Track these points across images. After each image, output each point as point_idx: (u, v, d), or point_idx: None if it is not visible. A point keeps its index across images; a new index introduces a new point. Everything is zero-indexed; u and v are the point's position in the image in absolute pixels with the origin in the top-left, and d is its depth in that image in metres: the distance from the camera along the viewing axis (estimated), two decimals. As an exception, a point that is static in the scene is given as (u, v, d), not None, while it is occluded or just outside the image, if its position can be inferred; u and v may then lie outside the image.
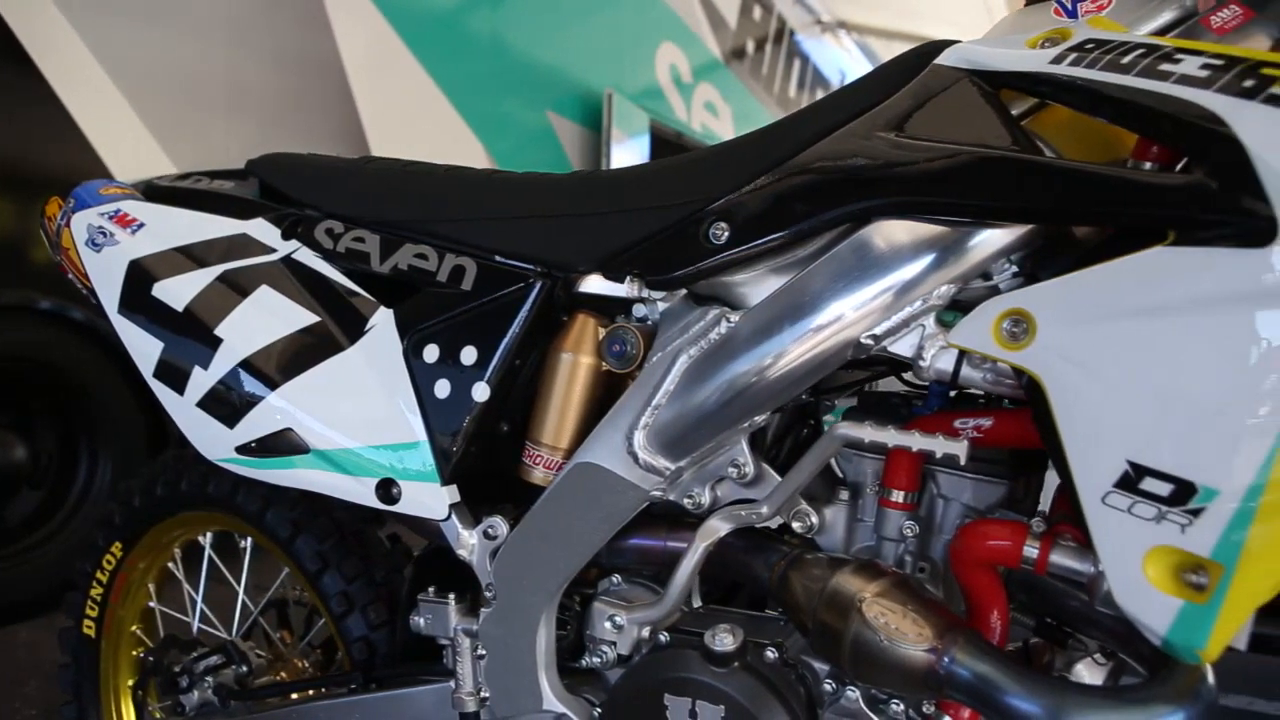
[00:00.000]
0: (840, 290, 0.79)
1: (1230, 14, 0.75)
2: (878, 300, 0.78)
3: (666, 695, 0.85)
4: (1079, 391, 0.65)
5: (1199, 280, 0.60)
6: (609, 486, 0.90)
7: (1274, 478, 0.57)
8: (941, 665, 0.70)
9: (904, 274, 0.77)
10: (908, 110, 0.79)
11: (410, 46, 3.93)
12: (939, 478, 0.86)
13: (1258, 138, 0.59)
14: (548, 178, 1.03)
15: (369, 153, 3.81)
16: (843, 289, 0.79)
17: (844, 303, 0.79)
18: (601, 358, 0.95)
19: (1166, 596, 0.61)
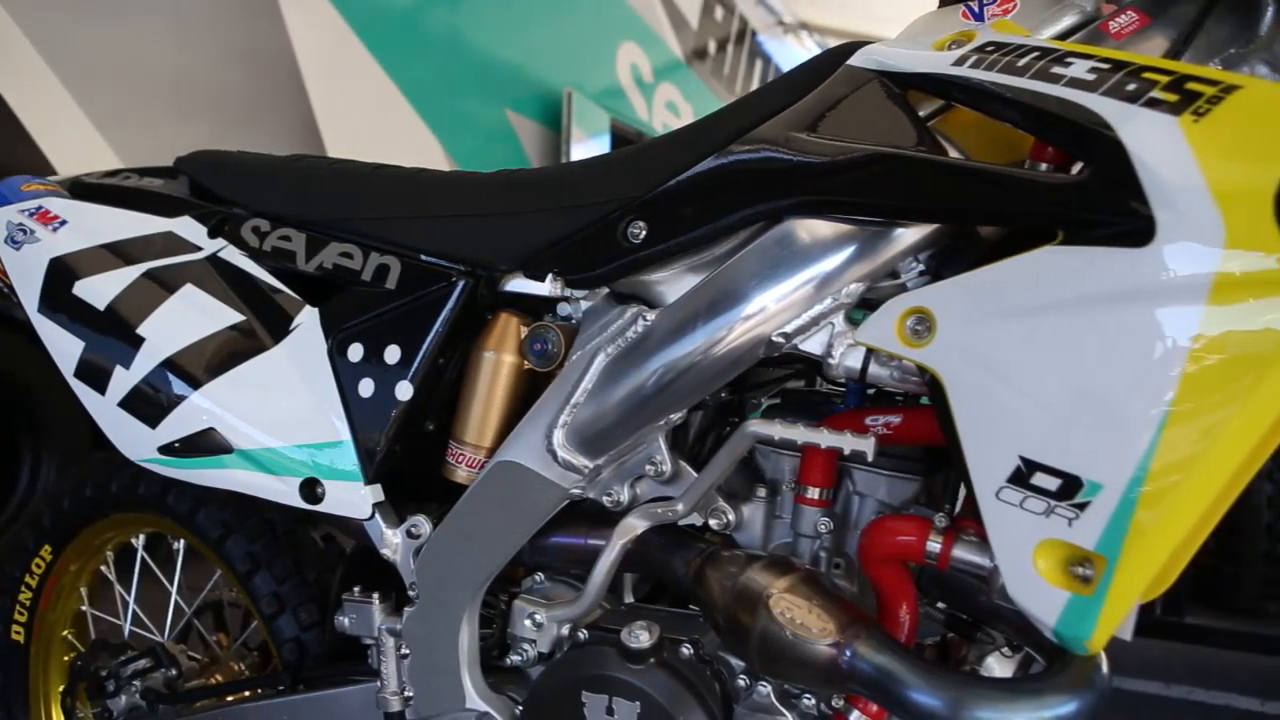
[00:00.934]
0: (751, 289, 0.80)
1: (1127, 20, 0.76)
2: (788, 298, 0.79)
3: (584, 692, 0.85)
4: (974, 388, 0.66)
5: (1083, 279, 0.61)
6: (529, 485, 0.91)
7: (1153, 471, 0.58)
8: (844, 659, 0.70)
9: (813, 272, 0.78)
10: (820, 111, 0.80)
11: (367, 44, 3.90)
12: (854, 474, 0.87)
13: (1138, 140, 0.60)
14: (473, 176, 1.03)
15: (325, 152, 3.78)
16: (754, 287, 0.80)
17: (755, 301, 0.80)
18: (524, 356, 0.95)
19: (1055, 589, 0.62)
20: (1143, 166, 0.59)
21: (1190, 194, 0.57)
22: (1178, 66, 0.63)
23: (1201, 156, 0.57)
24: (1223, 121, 0.58)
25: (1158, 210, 0.59)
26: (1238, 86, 0.59)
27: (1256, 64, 0.75)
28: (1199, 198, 0.57)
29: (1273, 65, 0.75)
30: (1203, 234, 0.57)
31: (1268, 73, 0.75)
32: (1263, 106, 0.58)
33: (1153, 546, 0.59)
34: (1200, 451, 0.57)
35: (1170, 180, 0.58)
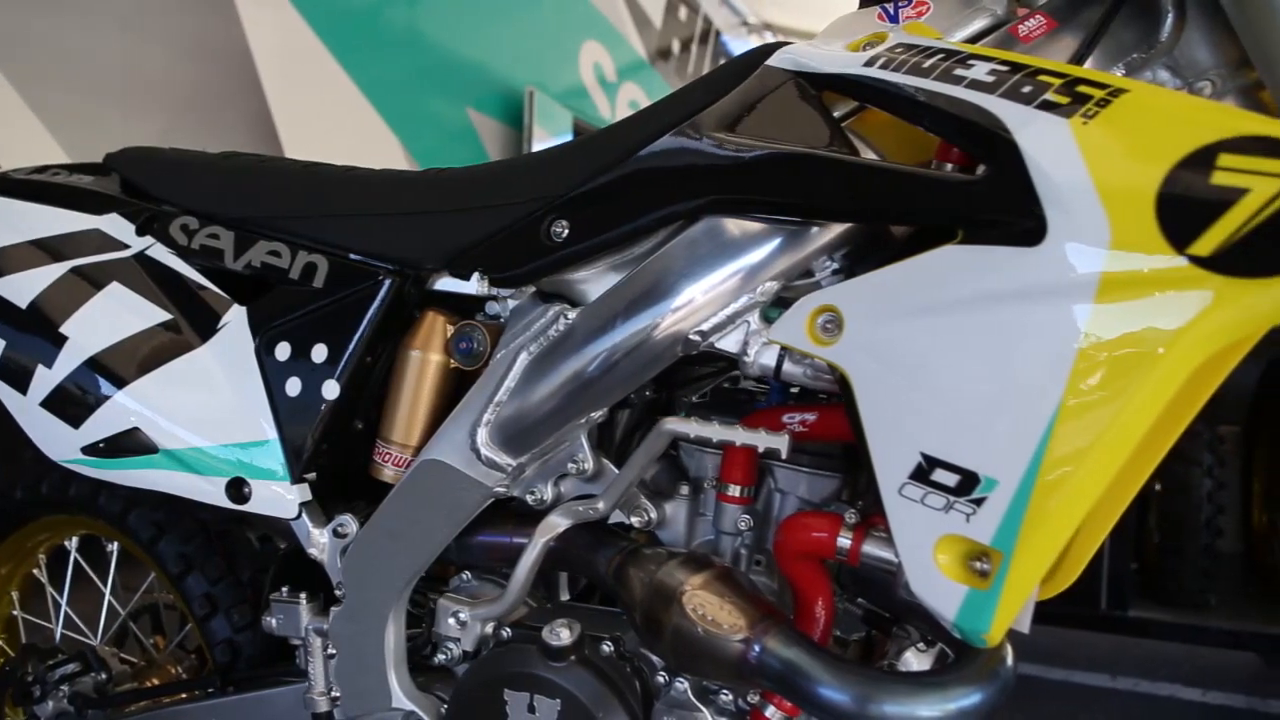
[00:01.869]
0: (669, 287, 0.81)
1: (1036, 24, 0.78)
2: (704, 297, 0.79)
3: (506, 690, 0.85)
4: (879, 386, 0.67)
5: (979, 278, 0.62)
6: (453, 483, 0.91)
7: (1045, 466, 0.59)
8: (752, 655, 0.71)
9: (729, 271, 0.78)
10: (739, 111, 0.81)
11: (325, 41, 3.87)
12: (776, 472, 0.87)
13: (1031, 141, 0.61)
14: (403, 175, 1.03)
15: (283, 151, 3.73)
16: (671, 286, 0.80)
17: (672, 299, 0.80)
18: (450, 355, 0.95)
19: (954, 583, 0.63)
20: (1035, 167, 0.60)
21: (1078, 195, 0.59)
22: (1071, 70, 0.64)
23: (1089, 158, 0.59)
24: (1110, 124, 0.59)
25: (1049, 210, 0.60)
26: (1125, 90, 0.60)
27: (1158, 68, 0.77)
28: (1086, 199, 0.58)
29: (1174, 70, 0.76)
30: (1090, 234, 0.58)
31: (1169, 77, 0.76)
32: (1147, 110, 0.59)
33: (1046, 540, 0.60)
34: (1089, 446, 0.58)
35: (1060, 181, 0.59)
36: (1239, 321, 0.54)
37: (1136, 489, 0.78)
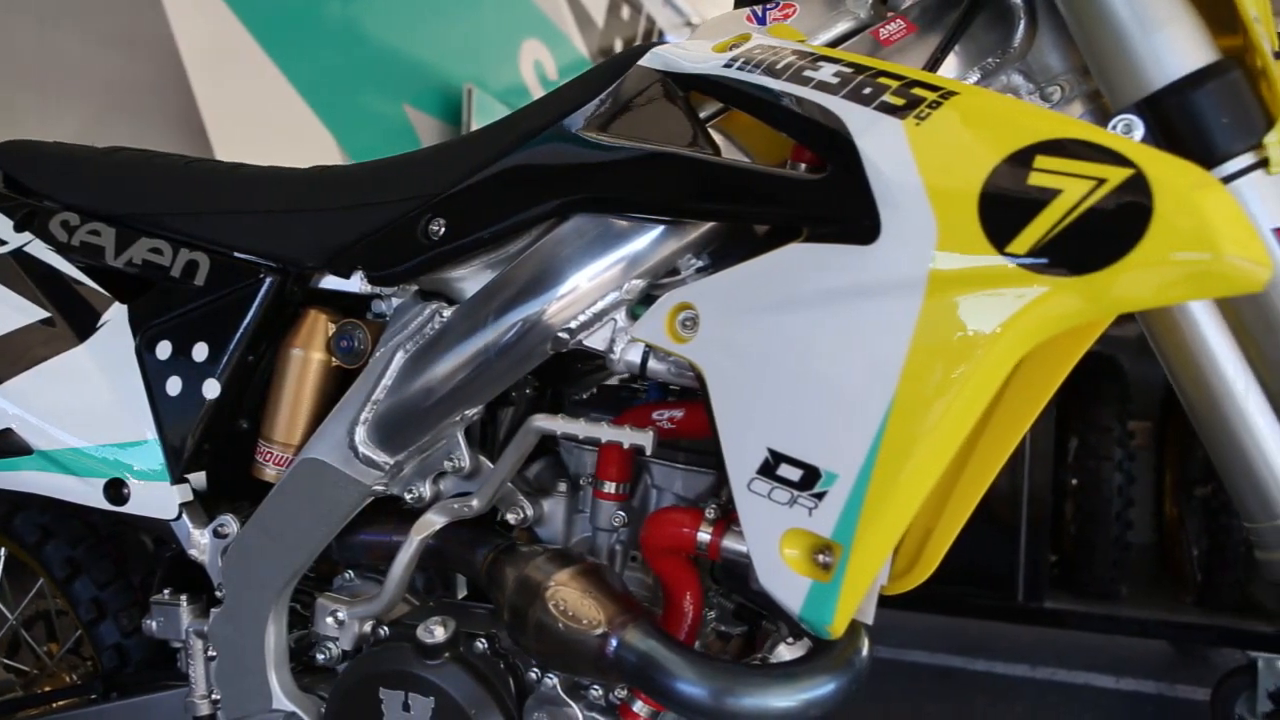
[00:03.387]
0: (538, 285, 0.81)
1: (896, 28, 0.80)
2: (573, 295, 0.80)
3: (381, 689, 0.85)
4: (730, 382, 0.68)
5: (820, 275, 0.64)
6: (331, 482, 0.90)
7: (880, 460, 0.61)
8: (610, 650, 0.72)
9: (597, 269, 0.79)
10: (610, 111, 0.81)
11: (255, 34, 3.80)
12: (652, 469, 0.88)
13: (868, 141, 0.62)
14: (287, 173, 1.02)
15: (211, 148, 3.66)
16: (541, 284, 0.81)
17: (542, 297, 0.81)
18: (332, 354, 0.94)
19: (799, 576, 0.64)
20: (870, 167, 0.62)
21: (909, 195, 0.60)
22: (909, 72, 0.65)
23: (920, 159, 0.60)
24: (940, 125, 0.61)
25: (882, 209, 0.61)
26: (955, 92, 0.62)
27: (1012, 73, 0.79)
28: (916, 198, 0.60)
29: (1026, 75, 0.79)
30: (919, 233, 0.59)
31: (1022, 81, 0.79)
32: (972, 112, 0.61)
33: (883, 533, 0.62)
34: (921, 440, 0.59)
35: (893, 181, 0.61)
36: (1055, 318, 0.56)
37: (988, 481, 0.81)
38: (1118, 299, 0.54)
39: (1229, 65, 0.66)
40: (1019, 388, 0.79)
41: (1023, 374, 0.79)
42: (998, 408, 0.80)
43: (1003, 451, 0.80)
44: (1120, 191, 0.54)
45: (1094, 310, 0.55)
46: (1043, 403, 0.78)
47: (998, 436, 0.81)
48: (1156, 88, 0.66)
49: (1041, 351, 0.80)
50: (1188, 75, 0.66)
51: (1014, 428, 0.80)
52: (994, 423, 0.81)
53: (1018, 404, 0.79)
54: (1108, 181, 0.55)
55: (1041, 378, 0.78)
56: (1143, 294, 0.53)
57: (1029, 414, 0.79)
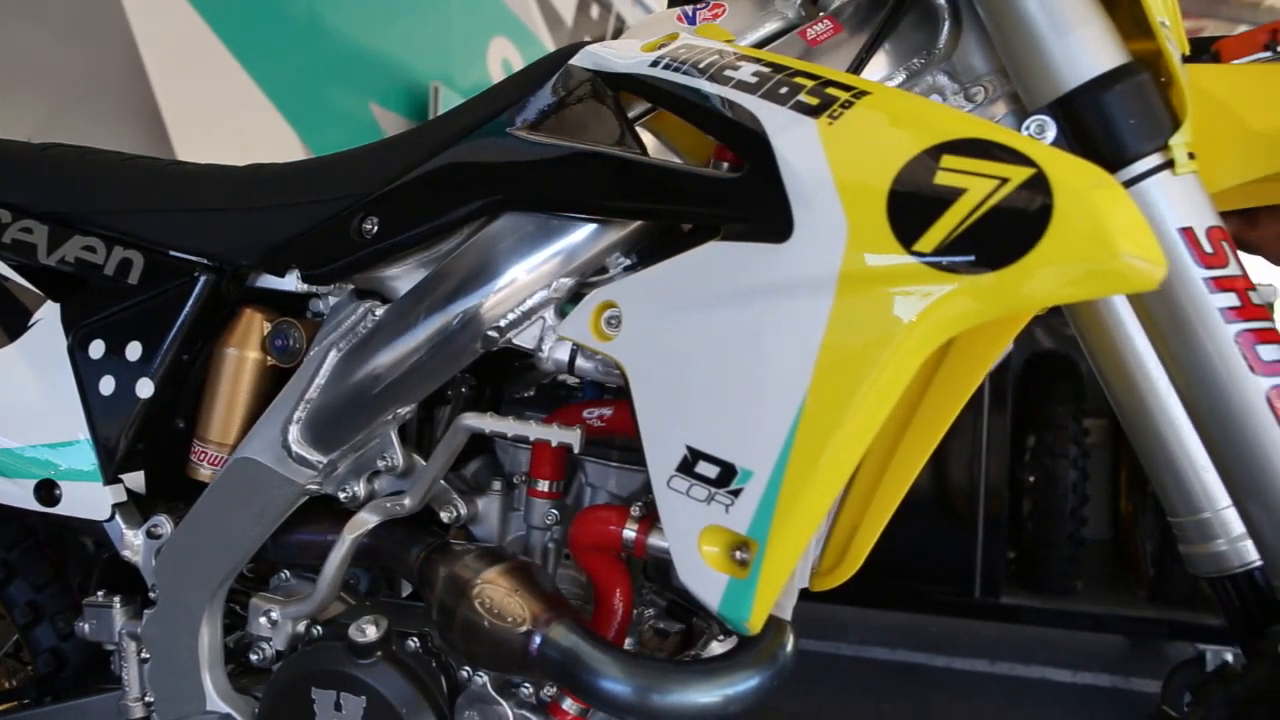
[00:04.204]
0: (468, 284, 0.81)
1: (824, 28, 0.80)
2: (502, 293, 0.80)
3: (313, 689, 0.85)
4: (651, 380, 0.69)
5: (736, 274, 0.64)
6: (265, 481, 0.89)
7: (793, 457, 0.61)
8: (533, 647, 0.72)
9: (525, 267, 0.79)
10: (542, 109, 0.82)
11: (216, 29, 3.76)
12: (587, 467, 0.88)
13: (783, 140, 0.63)
14: (222, 169, 1.01)
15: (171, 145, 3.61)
16: (470, 282, 0.81)
17: (471, 296, 0.81)
18: (267, 353, 0.94)
19: (716, 573, 0.65)
20: (785, 165, 0.62)
21: (821, 193, 0.61)
22: (824, 72, 0.66)
23: (831, 158, 0.61)
24: (852, 125, 0.61)
25: (795, 208, 0.62)
26: (868, 92, 0.63)
27: (937, 74, 0.80)
28: (828, 197, 0.60)
29: (951, 75, 0.79)
30: (830, 232, 0.60)
31: (947, 82, 0.79)
32: (883, 111, 0.61)
33: (797, 529, 0.62)
34: (832, 437, 0.60)
35: (806, 180, 0.61)
36: (959, 316, 0.57)
37: (912, 477, 0.81)
38: (1018, 297, 0.55)
39: (1137, 68, 0.67)
40: (942, 384, 0.80)
41: (945, 370, 0.80)
42: (921, 404, 0.81)
43: (926, 448, 0.81)
44: (1022, 191, 0.55)
45: (996, 308, 0.55)
46: (964, 399, 0.79)
47: (921, 433, 0.82)
48: (1068, 89, 0.67)
49: (963, 348, 0.82)
50: (1097, 77, 0.67)
51: (936, 424, 0.81)
52: (917, 419, 0.82)
53: (941, 400, 0.80)
54: (1010, 181, 0.55)
55: (963, 374, 0.79)
56: (1042, 292, 0.54)
57: (951, 410, 0.80)
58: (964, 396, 0.79)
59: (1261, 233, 1.04)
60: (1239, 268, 0.65)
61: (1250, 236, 0.94)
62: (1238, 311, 0.65)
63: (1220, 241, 0.65)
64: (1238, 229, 1.03)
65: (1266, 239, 1.04)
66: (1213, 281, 0.65)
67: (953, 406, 0.79)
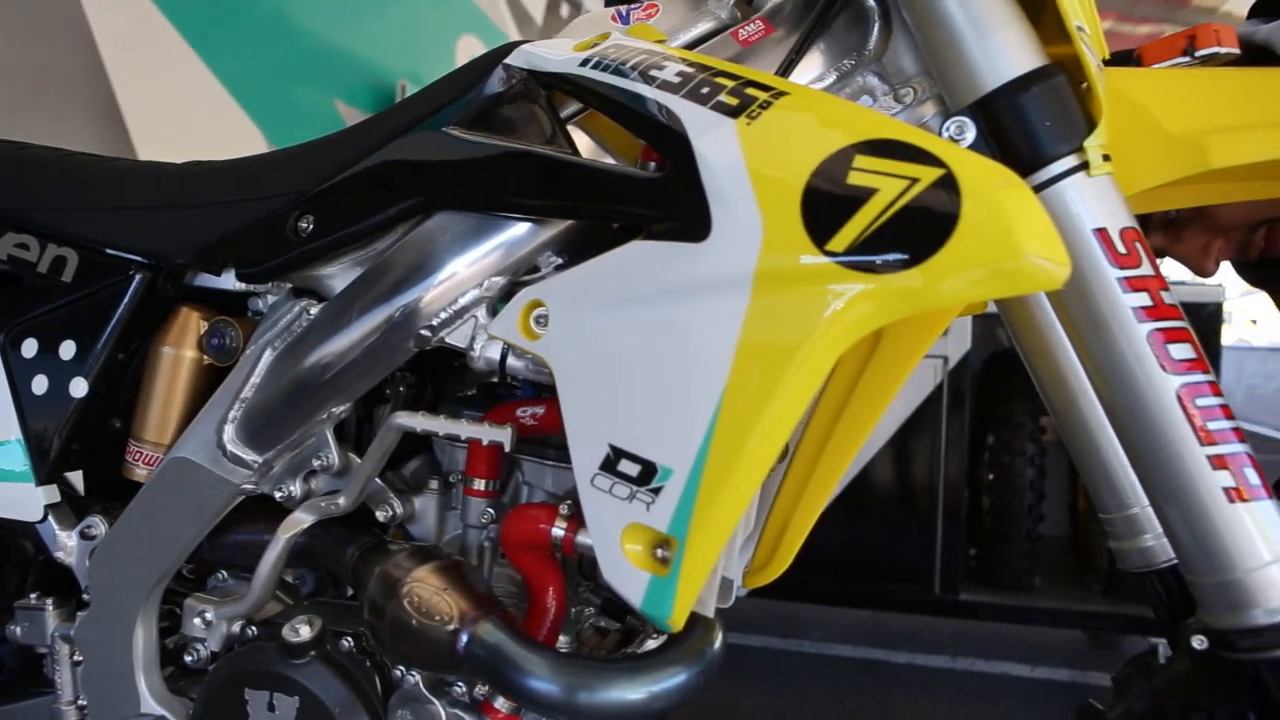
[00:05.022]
0: (401, 283, 0.81)
1: (755, 29, 0.81)
2: (434, 292, 0.80)
3: (247, 690, 0.84)
4: (576, 378, 0.69)
5: (657, 273, 0.64)
6: (200, 481, 0.89)
7: (711, 455, 0.62)
8: (460, 645, 0.72)
9: (457, 266, 0.79)
10: (476, 109, 0.82)
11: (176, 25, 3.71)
12: (524, 466, 0.88)
13: (702, 140, 0.63)
14: (160, 167, 1.01)
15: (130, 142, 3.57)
16: (403, 281, 0.81)
17: (404, 295, 0.80)
18: (203, 351, 0.93)
19: (638, 571, 0.65)
20: (704, 165, 0.63)
21: (738, 193, 0.61)
22: (745, 72, 0.67)
23: (749, 158, 0.61)
24: (769, 125, 0.62)
25: (714, 208, 0.62)
26: (786, 93, 0.63)
27: (868, 75, 0.80)
28: (745, 197, 0.61)
29: (881, 76, 0.80)
30: (747, 232, 0.60)
31: (878, 83, 0.80)
32: (800, 112, 0.62)
33: (716, 526, 0.62)
34: (749, 435, 0.60)
35: (723, 179, 0.62)
36: (870, 315, 0.57)
37: (841, 474, 0.82)
38: (926, 297, 0.55)
39: (1054, 70, 0.68)
40: (868, 382, 0.81)
41: (872, 368, 0.81)
42: (849, 402, 0.82)
43: (853, 445, 0.82)
44: (931, 191, 0.56)
45: (905, 308, 0.56)
46: (890, 396, 0.80)
47: (848, 430, 0.82)
48: (987, 90, 0.68)
49: (889, 346, 0.83)
50: (1015, 79, 0.67)
51: (863, 421, 0.81)
52: (845, 417, 0.82)
53: (867, 398, 0.81)
54: (920, 181, 0.56)
55: (889, 372, 0.80)
56: (950, 292, 0.55)
57: (877, 408, 0.81)
58: (890, 394, 0.80)
59: (1186, 246, 1.07)
60: (1152, 268, 0.66)
61: (1176, 250, 0.97)
62: (1149, 311, 0.66)
63: (1134, 242, 0.66)
64: (1164, 242, 1.06)
65: (1191, 252, 1.07)
66: (1126, 282, 0.66)
67: (879, 404, 0.80)
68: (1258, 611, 0.66)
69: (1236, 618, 0.67)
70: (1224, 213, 1.06)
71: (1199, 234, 1.08)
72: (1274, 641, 0.66)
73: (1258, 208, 1.05)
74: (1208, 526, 0.66)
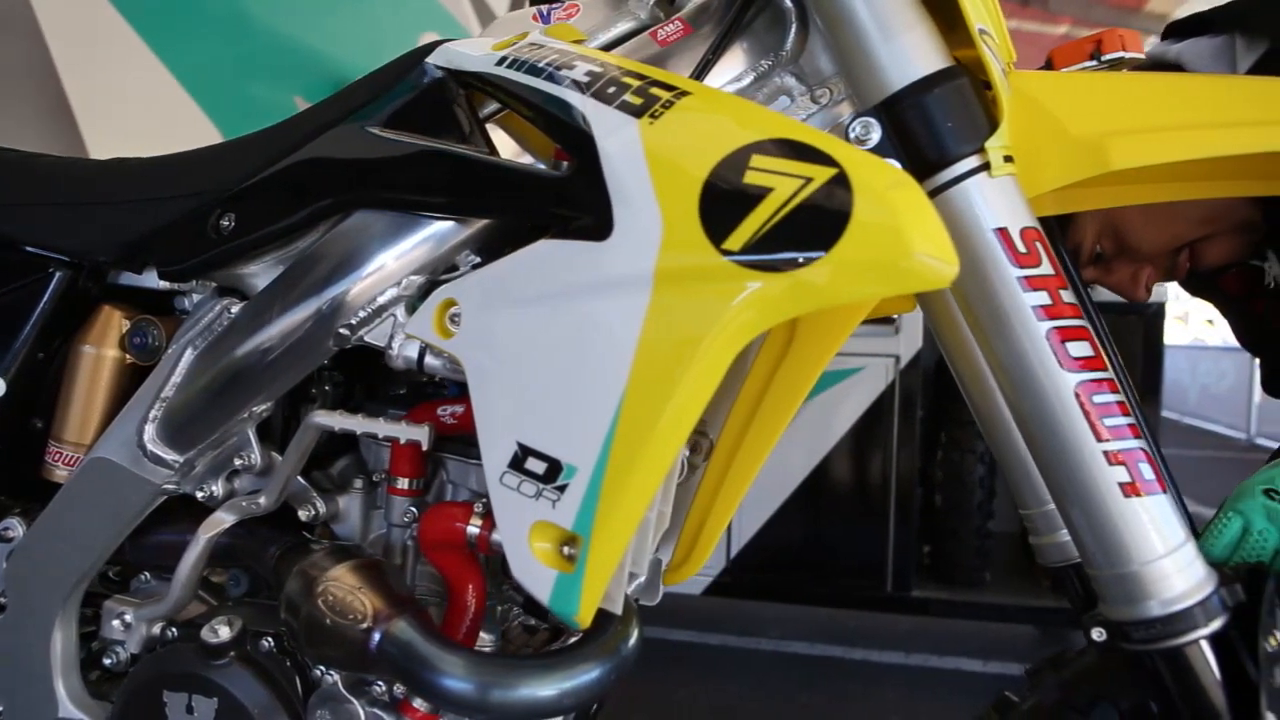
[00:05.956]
0: (321, 281, 0.81)
1: (673, 29, 0.81)
2: (353, 290, 0.79)
3: (165, 692, 0.84)
4: (486, 376, 0.69)
5: (562, 271, 0.65)
6: (120, 482, 0.88)
7: (614, 454, 0.62)
8: (372, 644, 0.72)
9: (376, 265, 0.79)
10: (396, 108, 0.82)
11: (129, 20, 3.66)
12: (448, 464, 0.88)
13: (606, 139, 0.64)
14: (82, 163, 1.00)
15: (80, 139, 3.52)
16: (323, 280, 0.80)
17: (323, 294, 0.80)
18: (126, 350, 0.92)
19: (546, 568, 0.65)
20: (607, 164, 0.63)
21: (640, 192, 0.61)
22: (651, 72, 0.67)
23: (650, 157, 0.62)
24: (671, 125, 0.62)
25: (616, 207, 0.62)
26: (688, 92, 0.64)
27: (785, 76, 0.81)
28: (645, 196, 0.61)
29: (799, 77, 0.81)
30: (647, 230, 0.61)
31: (795, 83, 0.81)
32: (700, 111, 0.63)
33: (618, 524, 0.63)
34: (650, 433, 0.61)
35: (626, 178, 0.62)
36: (766, 313, 0.58)
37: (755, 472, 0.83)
38: (819, 295, 0.56)
39: (958, 72, 0.69)
40: (782, 380, 0.82)
41: (786, 366, 0.81)
42: (763, 400, 0.82)
43: (768, 442, 0.83)
44: (824, 190, 0.56)
45: (798, 306, 0.57)
46: (803, 394, 0.80)
47: (763, 427, 0.83)
48: (892, 91, 0.69)
49: (802, 343, 0.84)
50: (919, 80, 0.68)
51: (778, 418, 0.82)
52: (760, 414, 0.83)
53: (781, 396, 0.82)
54: (814, 181, 0.57)
55: (802, 369, 0.81)
56: (842, 289, 0.56)
57: (791, 405, 0.81)
58: (801, 392, 0.81)
59: (1116, 277, 1.11)
60: (1052, 267, 0.68)
61: (1109, 281, 1.00)
62: (1048, 310, 0.67)
63: (1034, 242, 0.67)
64: (1097, 275, 1.09)
65: (1122, 282, 1.11)
66: (1025, 280, 0.67)
67: (792, 402, 0.81)
68: (1153, 603, 0.67)
69: (1133, 609, 0.68)
70: (1145, 243, 1.10)
71: (1126, 265, 1.13)
72: (1166, 632, 0.67)
73: (1174, 233, 1.09)
74: (1104, 521, 0.67)
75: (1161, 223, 1.08)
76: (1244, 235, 1.09)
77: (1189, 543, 0.68)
